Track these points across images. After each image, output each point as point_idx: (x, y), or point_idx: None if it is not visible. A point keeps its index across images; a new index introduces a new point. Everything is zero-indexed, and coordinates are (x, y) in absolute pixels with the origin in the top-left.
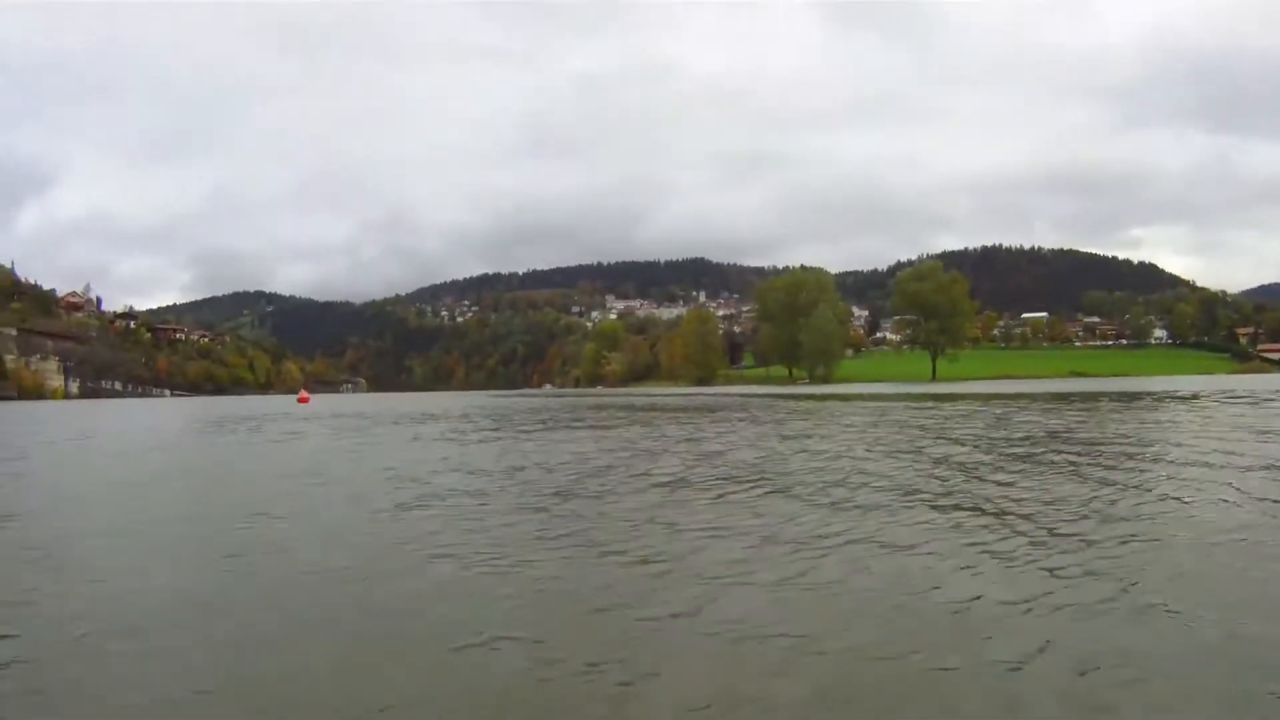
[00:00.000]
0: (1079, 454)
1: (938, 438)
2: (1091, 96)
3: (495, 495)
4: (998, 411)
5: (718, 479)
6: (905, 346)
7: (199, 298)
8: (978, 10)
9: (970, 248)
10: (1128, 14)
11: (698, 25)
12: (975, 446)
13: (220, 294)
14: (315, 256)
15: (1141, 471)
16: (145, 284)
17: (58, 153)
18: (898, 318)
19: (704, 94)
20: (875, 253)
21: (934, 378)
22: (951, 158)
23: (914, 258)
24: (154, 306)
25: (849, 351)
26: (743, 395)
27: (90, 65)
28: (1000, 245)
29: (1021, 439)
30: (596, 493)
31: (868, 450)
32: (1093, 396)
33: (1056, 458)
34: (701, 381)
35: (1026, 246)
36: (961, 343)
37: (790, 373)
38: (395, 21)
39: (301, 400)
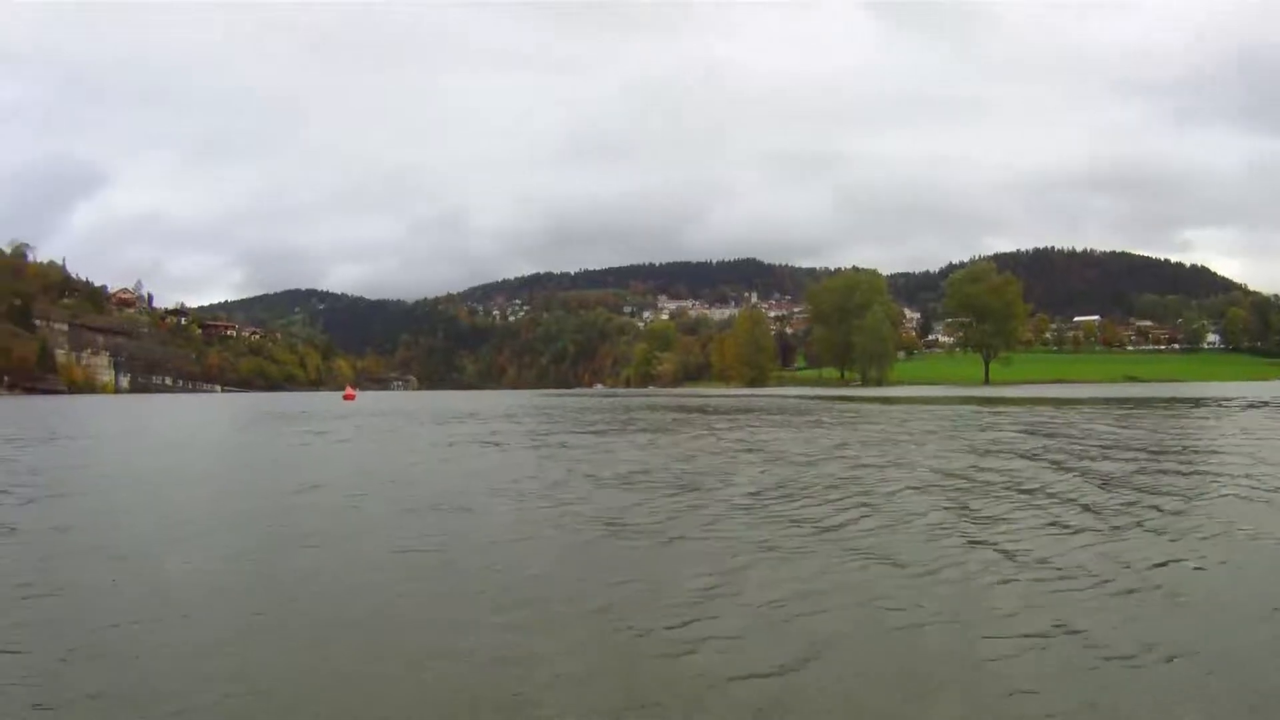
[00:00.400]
0: (1190, 473)
1: (1032, 457)
2: (1141, 94)
3: (532, 512)
4: (1078, 419)
5: (806, 499)
6: (958, 349)
7: (251, 295)
8: (1027, 6)
9: (1022, 249)
10: (1178, 8)
11: (749, 26)
12: (1083, 472)
13: (272, 291)
14: (367, 256)
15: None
16: (197, 282)
17: (112, 155)
18: (950, 320)
19: (756, 94)
20: (927, 254)
21: (987, 381)
22: (1002, 157)
23: (966, 259)
24: (206, 304)
25: (901, 353)
26: (799, 397)
27: (144, 70)
28: (1052, 247)
29: (1129, 455)
30: (659, 518)
31: (972, 469)
32: (1159, 403)
33: (1166, 477)
34: (753, 383)
35: (1079, 248)
36: (1015, 346)
37: (842, 374)
38: (447, 27)
39: (347, 397)
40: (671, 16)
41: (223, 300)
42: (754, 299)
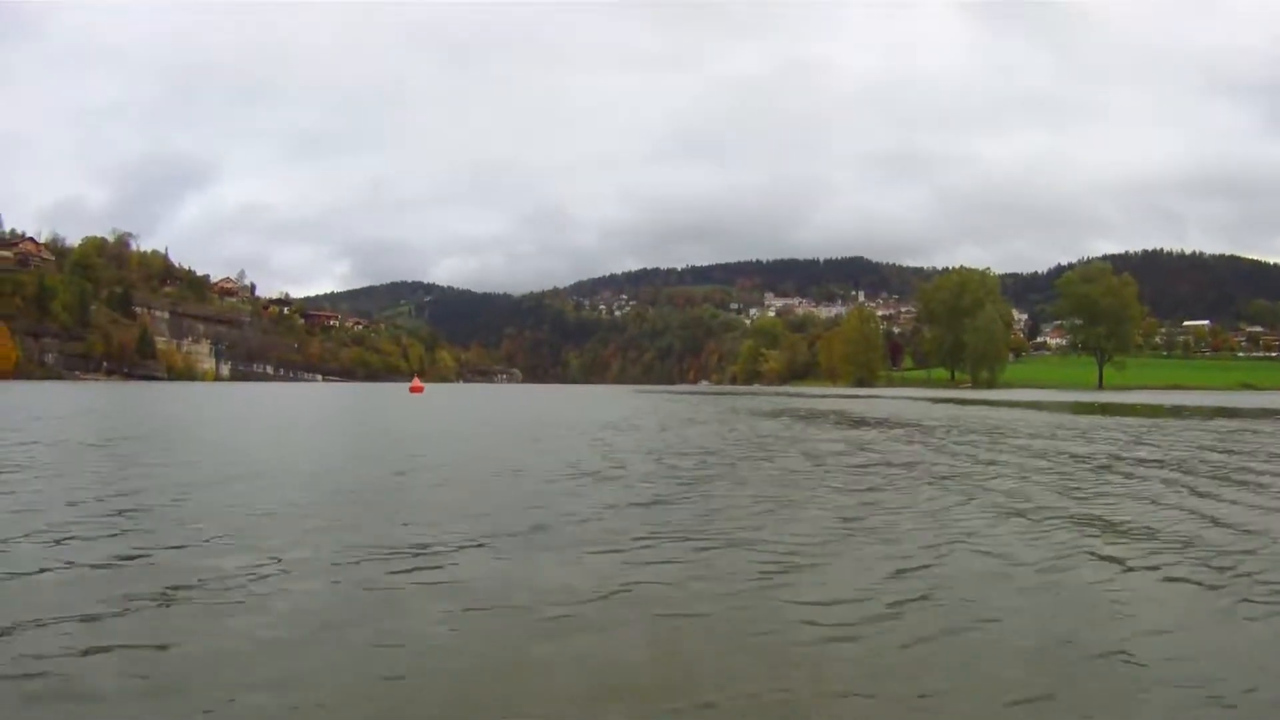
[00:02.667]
0: None
1: None
2: (1244, 95)
3: None
4: None
5: None
6: (1070, 351)
7: (356, 287)
8: (1125, 5)
9: (1131, 251)
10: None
11: (854, 25)
12: None
13: (378, 284)
14: (474, 249)
15: None
16: (303, 273)
17: (219, 149)
18: (1061, 321)
19: (863, 93)
20: (1033, 255)
21: (1100, 386)
22: (1109, 157)
23: (1074, 261)
24: (311, 294)
25: (1010, 356)
26: (931, 399)
27: (251, 64)
28: (1161, 250)
29: None
30: None
31: None
32: None
33: None
34: (861, 382)
35: (1187, 251)
36: (1129, 349)
37: (952, 375)
38: (554, 26)
39: (415, 390)
40: (772, 16)
41: (328, 291)
42: (861, 297)
